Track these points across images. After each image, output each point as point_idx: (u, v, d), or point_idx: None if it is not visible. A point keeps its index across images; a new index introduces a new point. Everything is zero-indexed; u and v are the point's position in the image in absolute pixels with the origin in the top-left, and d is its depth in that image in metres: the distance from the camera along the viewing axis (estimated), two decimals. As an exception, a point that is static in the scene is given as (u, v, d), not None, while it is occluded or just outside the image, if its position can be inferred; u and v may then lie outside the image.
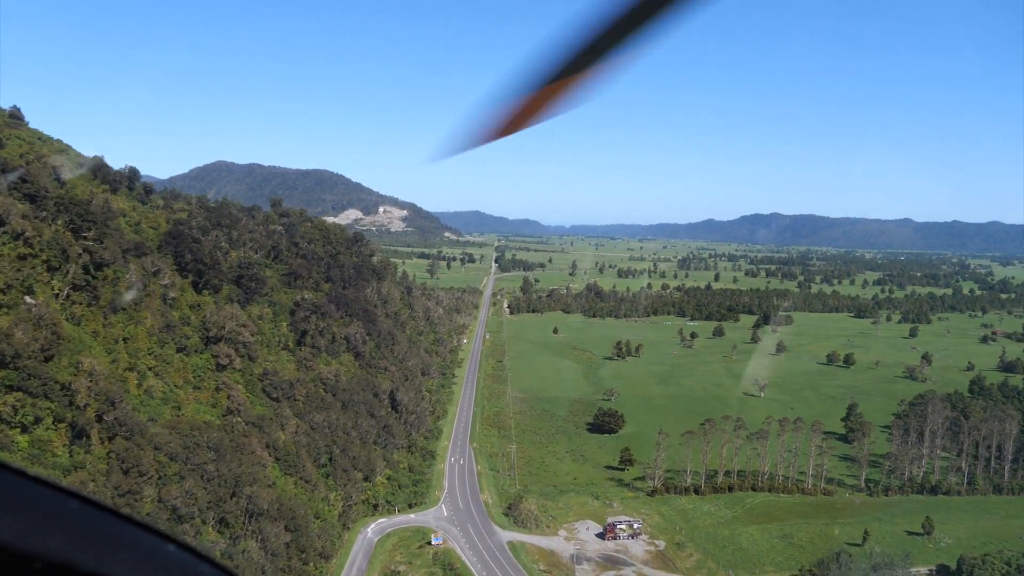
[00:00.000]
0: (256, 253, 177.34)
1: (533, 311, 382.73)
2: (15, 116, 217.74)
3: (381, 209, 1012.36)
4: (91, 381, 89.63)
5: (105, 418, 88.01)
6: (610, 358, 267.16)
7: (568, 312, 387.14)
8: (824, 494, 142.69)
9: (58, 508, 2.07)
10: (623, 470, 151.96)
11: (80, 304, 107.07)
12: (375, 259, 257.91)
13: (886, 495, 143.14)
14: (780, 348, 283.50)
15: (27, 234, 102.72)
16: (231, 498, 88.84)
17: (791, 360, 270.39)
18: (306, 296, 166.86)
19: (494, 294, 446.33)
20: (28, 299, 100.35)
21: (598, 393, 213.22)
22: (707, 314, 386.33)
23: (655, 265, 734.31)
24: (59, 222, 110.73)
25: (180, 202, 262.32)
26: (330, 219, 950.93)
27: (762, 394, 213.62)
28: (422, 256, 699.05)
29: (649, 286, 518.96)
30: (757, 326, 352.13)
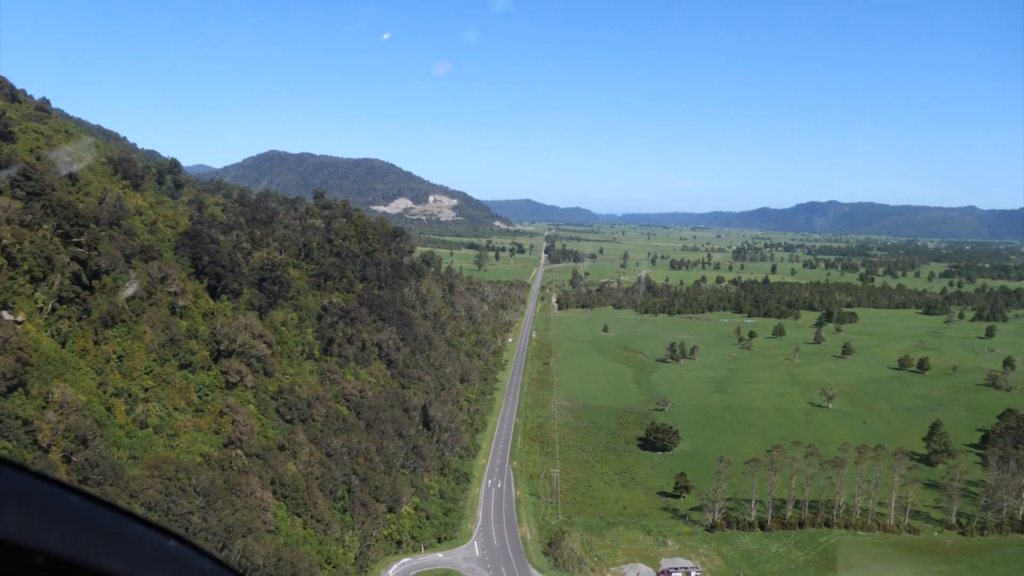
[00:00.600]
0: (282, 253, 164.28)
1: (583, 306, 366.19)
2: (42, 108, 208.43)
3: (431, 198, 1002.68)
4: (61, 415, 76.85)
5: (74, 459, 75.18)
6: (663, 360, 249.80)
7: (619, 307, 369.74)
8: (909, 532, 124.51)
9: (59, 504, 2.08)
10: (678, 497, 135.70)
11: (68, 319, 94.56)
12: (415, 255, 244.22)
13: (981, 534, 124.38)
14: (847, 350, 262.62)
15: (4, 241, 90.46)
16: (219, 553, 75.59)
17: (859, 364, 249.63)
18: (334, 300, 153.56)
19: (543, 287, 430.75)
20: (5, 314, 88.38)
21: (650, 402, 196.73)
22: (765, 310, 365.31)
23: (709, 256, 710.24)
24: (46, 226, 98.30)
25: (218, 195, 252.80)
26: (380, 208, 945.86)
27: (830, 405, 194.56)
28: (471, 247, 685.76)
29: (703, 279, 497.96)
30: (820, 324, 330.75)
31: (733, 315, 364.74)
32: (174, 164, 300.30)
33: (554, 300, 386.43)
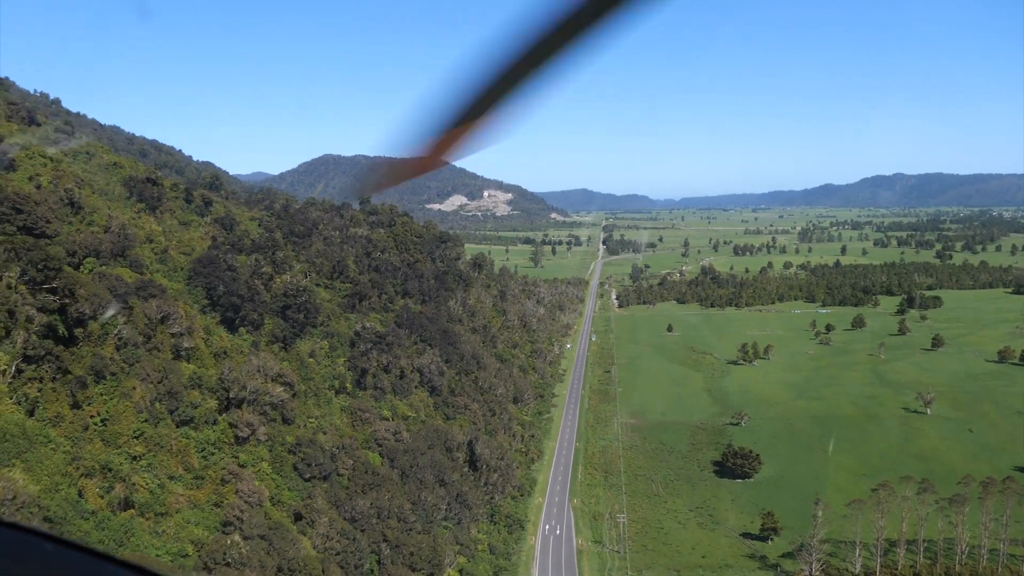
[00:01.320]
0: (308, 275, 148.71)
1: (644, 302, 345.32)
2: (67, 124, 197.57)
3: (486, 193, 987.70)
4: (2, 512, 61.84)
5: (17, 574, 60.16)
6: (734, 362, 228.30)
7: (682, 302, 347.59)
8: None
9: (33, 552, 1.99)
10: (766, 540, 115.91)
11: (39, 380, 79.73)
12: (466, 258, 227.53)
13: None
14: (937, 342, 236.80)
15: (-50, 295, 76.13)
16: None
17: (953, 358, 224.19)
18: (368, 324, 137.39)
19: (601, 283, 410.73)
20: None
21: (724, 415, 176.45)
22: (840, 298, 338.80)
23: (773, 239, 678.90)
24: (10, 273, 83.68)
25: (258, 208, 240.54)
26: (435, 206, 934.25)
27: (928, 410, 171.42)
28: (526, 242, 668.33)
29: (770, 265, 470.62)
30: (901, 311, 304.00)
31: (805, 304, 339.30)
32: (215, 178, 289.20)
33: (614, 297, 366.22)
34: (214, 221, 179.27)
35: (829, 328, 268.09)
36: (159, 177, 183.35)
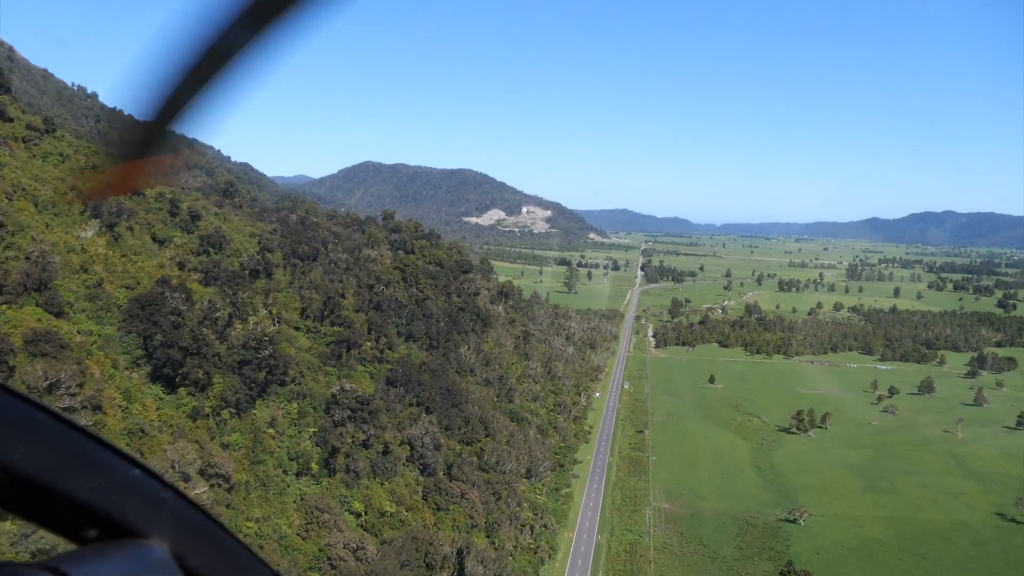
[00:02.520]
0: (276, 322, 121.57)
1: (683, 343, 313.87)
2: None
3: (524, 209, 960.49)
4: None
5: None
6: (786, 430, 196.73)
7: (725, 345, 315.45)
8: None
9: (24, 419, 1.97)
10: None
11: None
12: (482, 298, 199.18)
13: None
14: (1022, 421, 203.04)
15: None
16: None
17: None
18: (347, 386, 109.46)
19: (638, 316, 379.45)
20: None
21: (778, 505, 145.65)
22: (901, 353, 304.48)
23: (820, 275, 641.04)
24: None
25: (267, 221, 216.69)
26: (472, 220, 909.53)
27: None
28: (562, 263, 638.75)
29: (819, 305, 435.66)
30: (972, 373, 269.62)
31: (862, 357, 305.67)
32: (229, 184, 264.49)
33: (650, 334, 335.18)
34: (200, 240, 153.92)
35: (892, 392, 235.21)
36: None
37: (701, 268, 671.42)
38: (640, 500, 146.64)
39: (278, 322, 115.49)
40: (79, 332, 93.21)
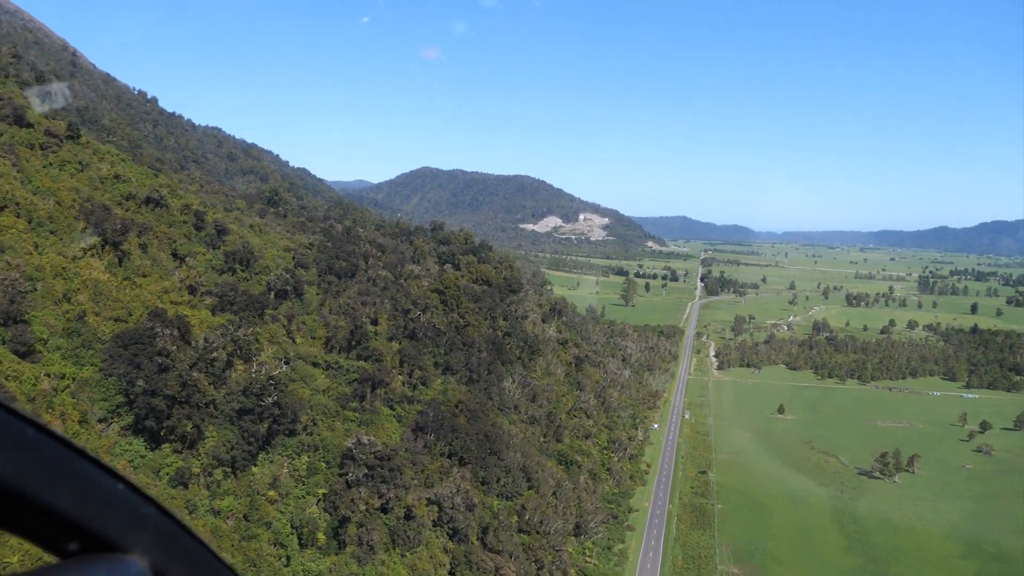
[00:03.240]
0: (285, 363, 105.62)
1: (747, 364, 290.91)
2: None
3: (581, 216, 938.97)
4: None
5: None
6: (868, 473, 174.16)
7: (793, 367, 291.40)
8: None
9: (7, 429, 1.95)
10: None
11: None
12: (532, 321, 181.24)
13: None
14: None
15: None
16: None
17: None
18: (366, 439, 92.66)
19: (699, 333, 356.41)
20: None
21: (866, 572, 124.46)
22: (989, 380, 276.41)
23: (890, 289, 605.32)
24: None
25: (311, 231, 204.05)
26: (529, 227, 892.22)
27: None
28: (619, 272, 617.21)
29: (892, 323, 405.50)
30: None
31: (944, 383, 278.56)
32: (272, 193, 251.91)
33: (712, 353, 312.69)
34: (226, 256, 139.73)
35: (985, 427, 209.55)
36: (163, 197, 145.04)
37: (763, 280, 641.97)
38: (705, 561, 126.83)
39: (287, 363, 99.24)
40: (48, 376, 78.59)
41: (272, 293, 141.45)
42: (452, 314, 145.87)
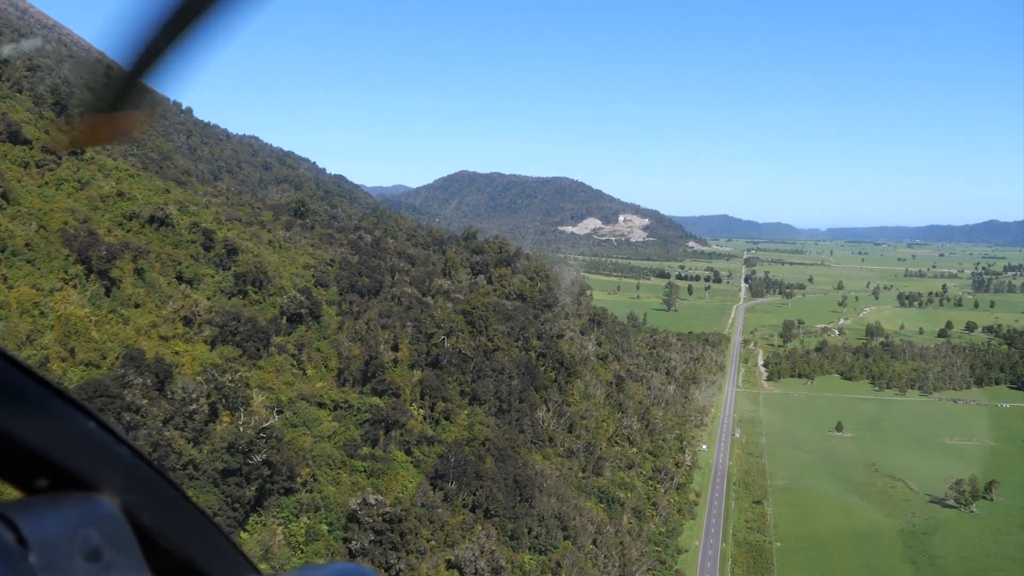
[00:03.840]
0: (278, 412, 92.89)
1: (799, 374, 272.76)
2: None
3: (621, 218, 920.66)
4: None
5: None
6: (941, 501, 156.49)
7: (848, 377, 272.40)
8: None
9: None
10: None
11: None
12: (566, 340, 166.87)
13: None
14: None
15: None
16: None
17: None
18: (373, 499, 79.37)
19: (745, 340, 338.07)
20: None
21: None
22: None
23: (944, 287, 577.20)
24: None
25: (336, 244, 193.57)
26: (568, 229, 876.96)
27: None
28: (661, 275, 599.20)
29: (949, 325, 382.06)
30: None
31: (1013, 393, 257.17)
32: (299, 204, 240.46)
33: (760, 362, 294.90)
34: (236, 278, 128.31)
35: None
36: (169, 216, 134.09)
37: (810, 280, 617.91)
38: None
39: (279, 412, 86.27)
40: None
41: (284, 318, 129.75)
42: (480, 337, 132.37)
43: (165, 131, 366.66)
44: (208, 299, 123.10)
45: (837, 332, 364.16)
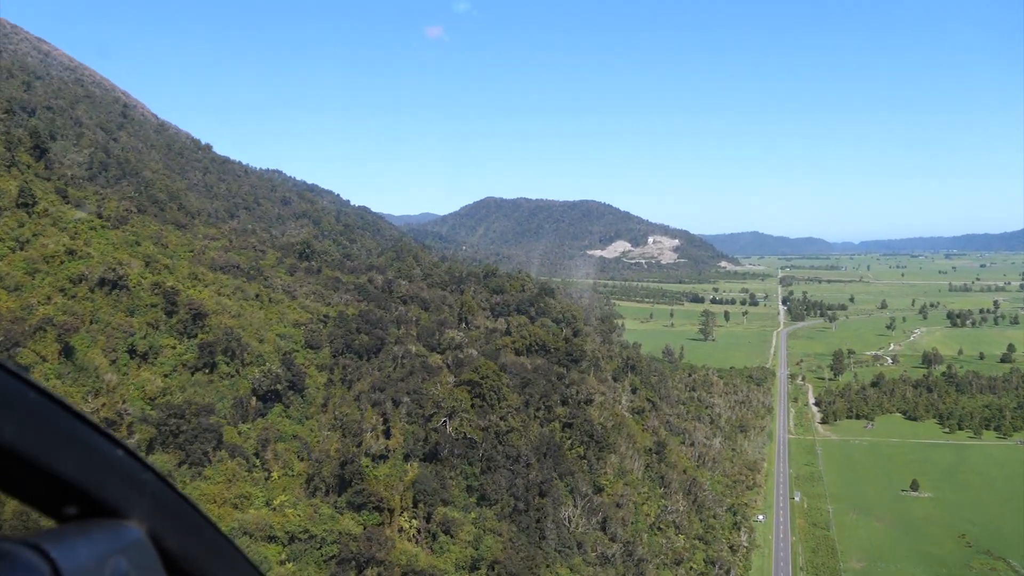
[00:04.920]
0: (255, 524, 67.43)
1: (856, 415, 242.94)
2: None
3: (651, 239, 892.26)
4: None
5: None
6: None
7: (912, 417, 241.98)
8: None
9: (13, 393, 1.94)
10: None
11: None
12: (596, 407, 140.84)
13: None
14: None
15: None
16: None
17: None
18: None
19: (792, 374, 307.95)
20: None
21: None
22: None
23: (995, 303, 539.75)
24: None
25: (342, 290, 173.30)
26: (596, 252, 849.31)
27: None
28: (694, 299, 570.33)
29: (1011, 348, 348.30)
30: None
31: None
32: (305, 245, 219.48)
33: (811, 401, 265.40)
34: (201, 349, 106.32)
35: None
36: (124, 277, 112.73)
37: (851, 299, 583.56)
38: None
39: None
40: None
41: (255, 398, 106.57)
42: (490, 416, 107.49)
43: (181, 168, 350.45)
44: (166, 377, 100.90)
45: (890, 361, 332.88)
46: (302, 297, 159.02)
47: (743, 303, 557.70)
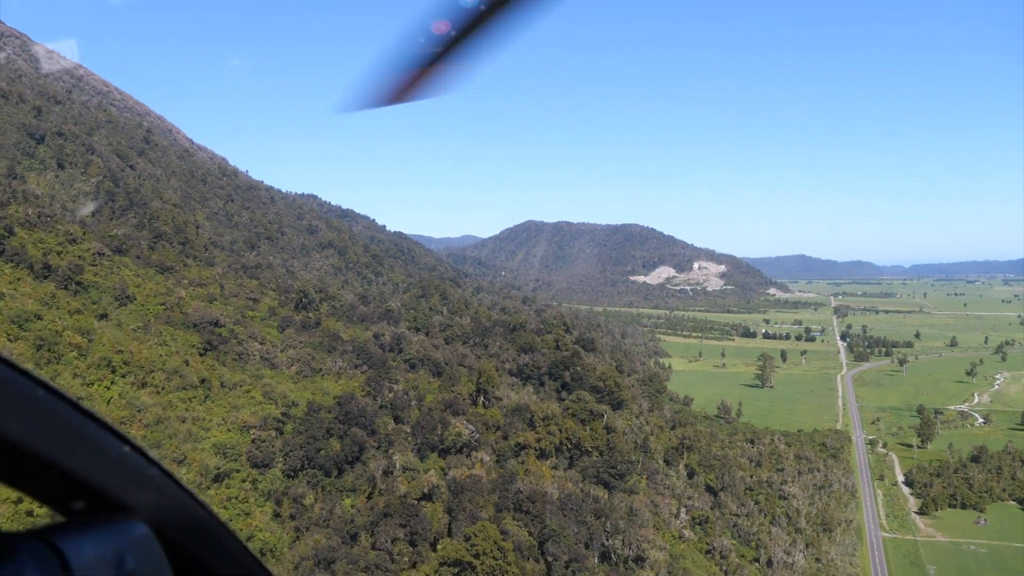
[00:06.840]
0: None
1: (961, 503, 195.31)
2: None
3: (696, 265, 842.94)
4: None
5: None
6: None
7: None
8: None
9: (22, 390, 1.95)
10: None
11: None
12: (646, 529, 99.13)
13: None
14: None
15: None
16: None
17: None
18: None
19: (870, 441, 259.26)
20: None
21: None
22: None
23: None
24: None
25: (338, 353, 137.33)
26: (640, 279, 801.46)
27: None
28: (745, 334, 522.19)
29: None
30: None
31: None
32: (301, 295, 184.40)
33: (900, 478, 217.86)
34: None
35: None
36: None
37: (916, 335, 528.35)
38: None
39: None
40: None
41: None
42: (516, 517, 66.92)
43: (202, 196, 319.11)
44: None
45: (981, 420, 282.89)
46: (283, 366, 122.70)
47: (798, 338, 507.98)
